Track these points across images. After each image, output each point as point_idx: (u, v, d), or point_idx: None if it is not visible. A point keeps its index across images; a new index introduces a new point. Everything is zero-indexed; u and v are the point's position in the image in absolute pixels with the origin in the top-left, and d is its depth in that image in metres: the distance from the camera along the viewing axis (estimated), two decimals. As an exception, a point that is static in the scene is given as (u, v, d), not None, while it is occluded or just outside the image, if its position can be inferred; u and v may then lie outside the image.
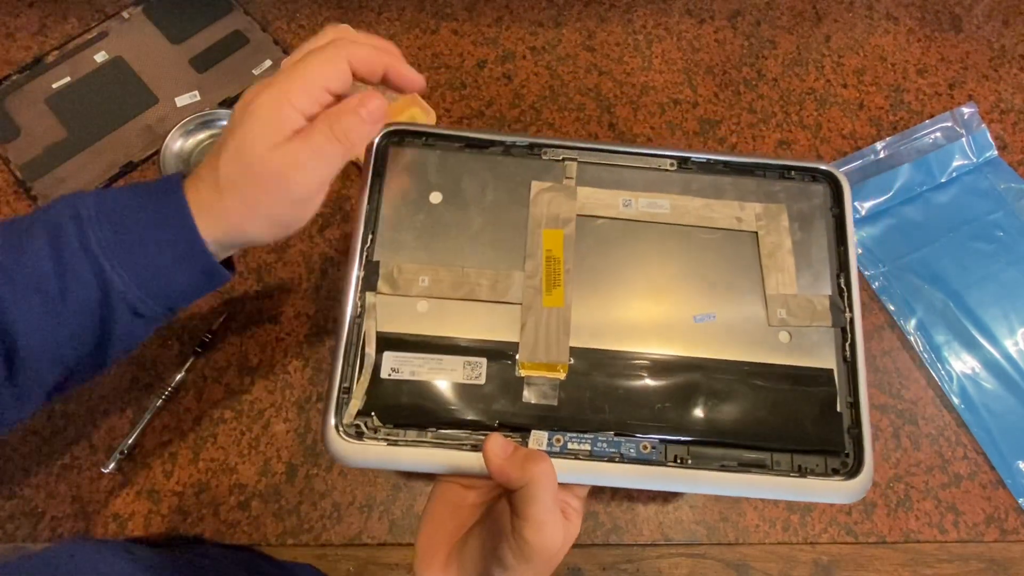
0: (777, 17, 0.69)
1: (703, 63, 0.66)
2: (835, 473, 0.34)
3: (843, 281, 0.37)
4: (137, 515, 0.47)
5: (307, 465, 0.49)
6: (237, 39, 0.64)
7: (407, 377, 0.34)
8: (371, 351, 0.35)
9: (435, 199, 0.38)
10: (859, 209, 0.59)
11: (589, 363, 0.35)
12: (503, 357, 0.35)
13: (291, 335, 0.52)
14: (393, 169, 0.38)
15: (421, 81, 0.35)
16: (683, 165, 0.40)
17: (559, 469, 0.30)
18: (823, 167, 0.40)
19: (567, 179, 0.39)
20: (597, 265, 0.37)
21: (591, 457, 0.33)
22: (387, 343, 0.35)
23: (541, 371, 0.35)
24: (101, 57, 0.63)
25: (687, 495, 0.50)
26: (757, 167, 0.40)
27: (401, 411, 0.34)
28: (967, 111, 0.61)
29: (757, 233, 0.38)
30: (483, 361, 0.35)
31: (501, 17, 0.67)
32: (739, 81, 0.65)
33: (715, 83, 0.65)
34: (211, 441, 0.49)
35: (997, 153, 0.61)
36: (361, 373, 0.34)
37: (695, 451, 0.34)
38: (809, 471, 0.34)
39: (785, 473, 0.34)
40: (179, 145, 0.58)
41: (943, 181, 0.60)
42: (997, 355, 0.54)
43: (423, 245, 0.37)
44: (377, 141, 0.39)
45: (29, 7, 0.65)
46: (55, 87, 0.61)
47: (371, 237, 0.37)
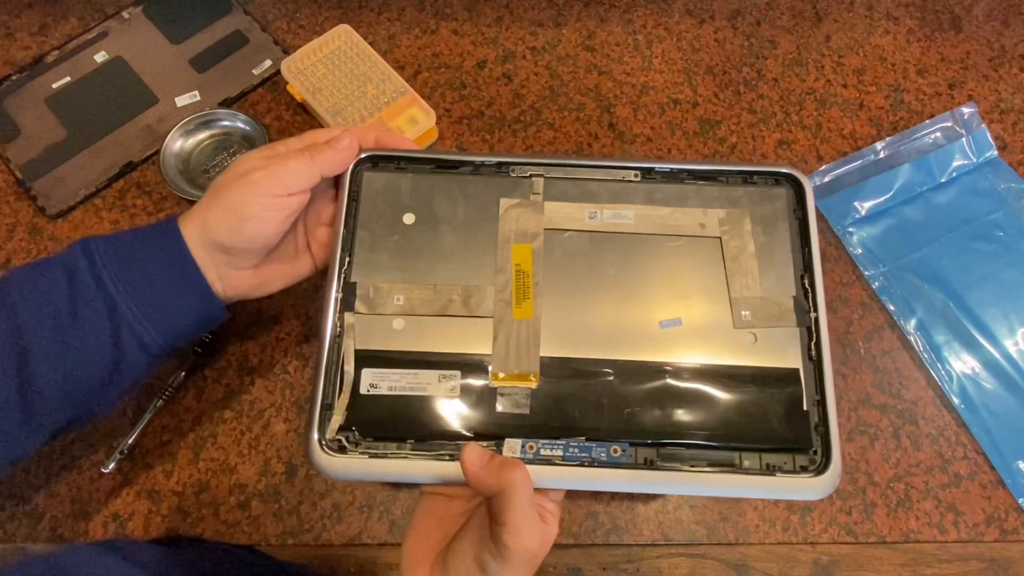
0: (777, 17, 0.69)
1: (703, 63, 0.66)
2: (803, 470, 0.34)
3: (807, 281, 0.38)
4: (137, 515, 0.47)
5: (307, 465, 0.49)
6: (237, 39, 0.64)
7: (385, 392, 0.36)
8: (350, 368, 0.36)
9: (408, 220, 0.39)
10: (859, 209, 0.59)
11: (559, 372, 0.36)
12: (476, 369, 0.36)
13: (291, 335, 0.52)
14: (368, 193, 0.40)
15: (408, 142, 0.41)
16: (647, 175, 0.41)
17: (533, 475, 0.32)
18: (785, 170, 0.40)
19: (534, 195, 0.40)
20: (565, 277, 0.38)
21: (563, 462, 0.34)
22: (365, 360, 0.36)
23: (513, 381, 0.36)
24: (101, 57, 0.63)
25: (687, 496, 0.50)
26: (720, 174, 0.41)
27: (380, 425, 0.35)
28: (967, 111, 0.61)
29: (721, 238, 0.39)
30: (457, 374, 0.36)
31: (501, 17, 0.67)
32: (739, 81, 0.65)
33: (715, 83, 0.65)
34: (211, 441, 0.49)
35: (997, 153, 0.61)
36: (341, 390, 0.36)
37: (664, 453, 0.35)
38: (778, 469, 0.34)
39: (754, 472, 0.34)
40: (179, 145, 0.58)
41: (943, 181, 0.60)
42: (997, 355, 0.54)
43: (397, 265, 0.38)
44: (352, 167, 0.40)
45: (29, 7, 0.65)
46: (55, 87, 0.61)
47: (348, 259, 0.38)
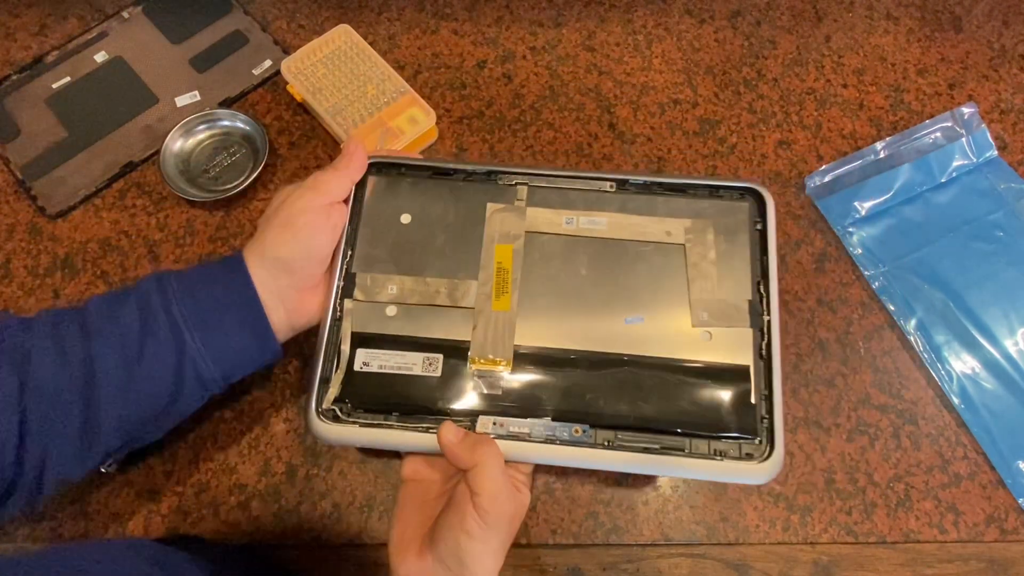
0: (777, 17, 0.69)
1: (703, 63, 0.66)
2: (749, 457, 0.38)
3: (763, 287, 0.42)
4: (137, 515, 0.47)
5: (307, 465, 0.49)
6: (237, 39, 0.64)
7: (376, 370, 0.40)
8: (346, 348, 0.41)
9: (405, 220, 0.44)
10: (859, 209, 0.59)
11: (531, 359, 0.40)
12: (457, 353, 0.40)
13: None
14: (371, 195, 0.44)
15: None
16: (621, 187, 0.45)
17: (503, 449, 0.37)
18: (748, 185, 0.44)
19: (518, 201, 0.44)
20: (541, 275, 0.42)
21: (530, 439, 0.38)
22: (360, 341, 0.41)
23: (489, 366, 0.40)
24: (101, 57, 0.63)
25: (686, 495, 0.50)
26: (688, 187, 0.45)
27: (370, 398, 0.40)
28: (967, 111, 0.61)
29: (685, 245, 0.43)
30: (440, 357, 0.40)
31: (501, 17, 0.67)
32: (739, 81, 0.65)
33: (715, 83, 0.65)
34: (211, 441, 0.49)
35: (997, 153, 0.61)
36: (338, 366, 0.40)
37: (622, 436, 0.39)
38: (724, 455, 0.38)
39: (702, 456, 0.38)
40: (179, 145, 0.58)
41: (943, 181, 0.60)
42: (997, 355, 0.54)
43: (393, 259, 0.43)
44: None
45: (29, 7, 0.65)
46: (55, 87, 0.61)
47: (350, 252, 0.43)
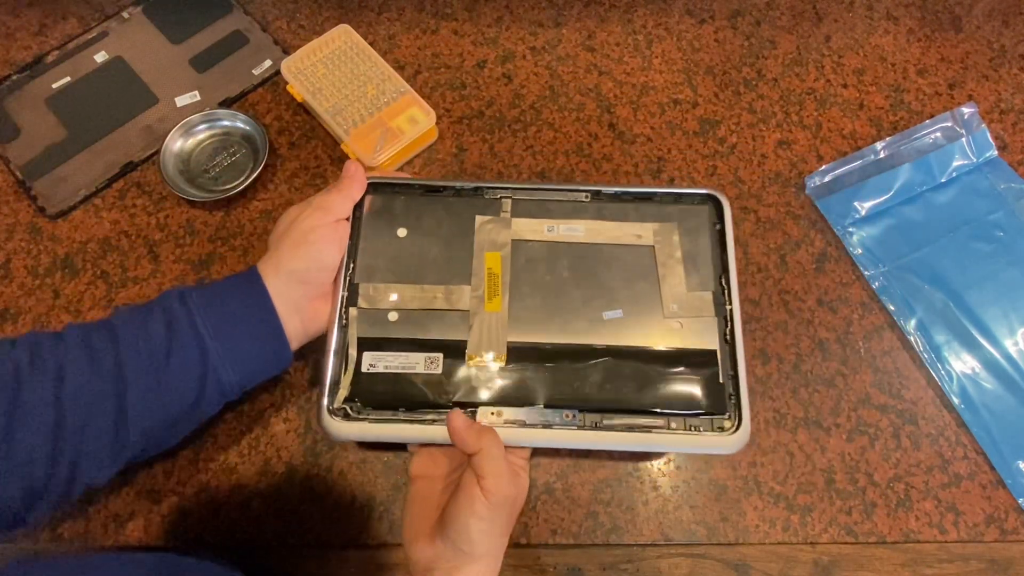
0: (777, 17, 0.69)
1: (703, 63, 0.66)
2: (721, 431, 0.42)
3: (724, 280, 0.46)
4: (137, 515, 0.47)
5: (307, 465, 0.49)
6: (237, 39, 0.64)
7: (381, 370, 0.43)
8: (353, 352, 0.44)
9: (401, 233, 0.47)
10: (859, 209, 0.59)
11: (522, 354, 0.44)
12: (456, 352, 0.44)
13: (291, 335, 0.52)
14: (369, 212, 0.48)
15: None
16: (596, 197, 0.49)
17: (502, 435, 0.40)
18: (706, 191, 0.49)
19: (503, 213, 0.48)
20: (528, 278, 0.46)
21: (525, 426, 0.42)
22: (366, 345, 0.44)
23: (485, 361, 0.44)
24: (101, 57, 0.63)
25: (686, 495, 0.50)
26: (654, 195, 0.49)
27: (377, 396, 0.43)
28: (967, 111, 0.61)
29: (654, 246, 0.47)
30: (440, 356, 0.44)
31: (501, 17, 0.67)
32: (739, 81, 0.65)
33: (715, 83, 0.65)
34: (211, 441, 0.49)
35: (997, 153, 0.61)
36: (346, 369, 0.43)
37: (607, 418, 0.42)
38: (699, 429, 0.42)
39: (680, 431, 0.42)
40: (179, 145, 0.58)
41: (943, 181, 0.60)
42: (997, 355, 0.54)
43: (392, 269, 0.46)
44: None
45: (29, 7, 0.65)
46: (55, 87, 0.61)
47: (352, 265, 0.46)
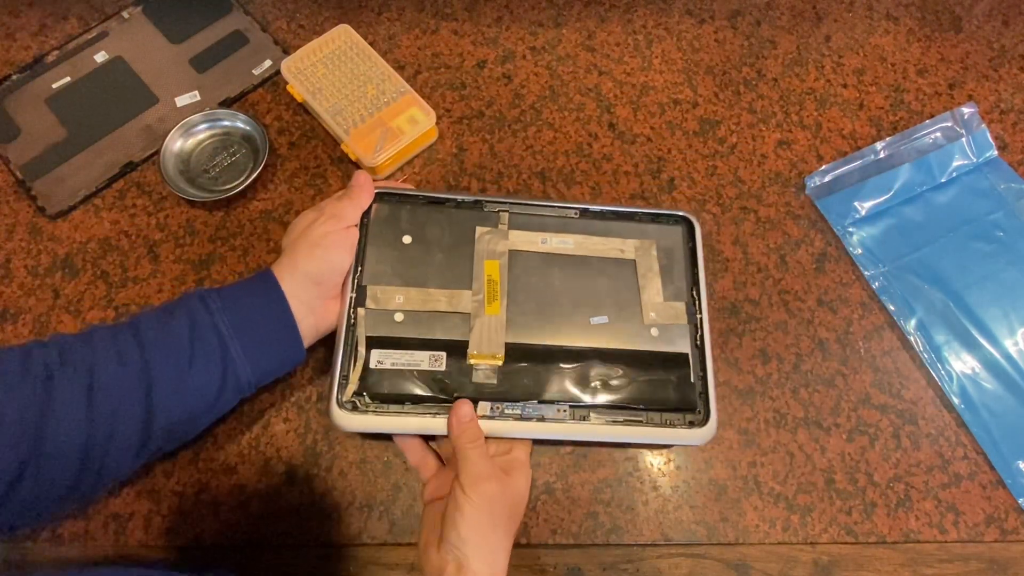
0: (777, 17, 0.69)
1: (703, 63, 0.66)
2: (691, 425, 0.47)
3: (695, 292, 0.51)
4: (137, 515, 0.47)
5: (307, 465, 0.49)
6: (237, 39, 0.64)
7: (388, 367, 0.46)
8: (362, 350, 0.46)
9: (407, 240, 0.50)
10: (859, 209, 0.59)
11: (519, 353, 0.47)
12: (457, 351, 0.47)
13: (291, 335, 0.52)
14: (376, 220, 0.50)
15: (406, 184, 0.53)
16: (584, 214, 0.53)
17: (500, 428, 0.45)
18: (680, 213, 0.54)
19: (501, 225, 0.52)
20: (524, 285, 0.50)
21: (521, 419, 0.46)
22: (374, 343, 0.46)
23: (485, 360, 0.47)
24: (101, 57, 0.63)
25: (686, 495, 0.50)
26: (635, 215, 0.53)
27: (384, 391, 0.45)
28: (967, 111, 0.61)
29: (635, 260, 0.51)
30: (443, 354, 0.47)
31: (501, 17, 0.67)
32: (739, 81, 0.65)
33: (715, 83, 0.65)
34: (211, 441, 0.49)
35: (997, 153, 0.61)
36: (355, 365, 0.46)
37: (594, 413, 0.46)
38: (673, 423, 0.47)
39: (656, 425, 0.46)
40: (179, 145, 0.58)
41: (943, 181, 0.60)
42: (997, 355, 0.54)
43: (398, 273, 0.49)
44: None
45: (29, 7, 0.65)
46: (55, 87, 0.61)
47: (360, 268, 0.48)
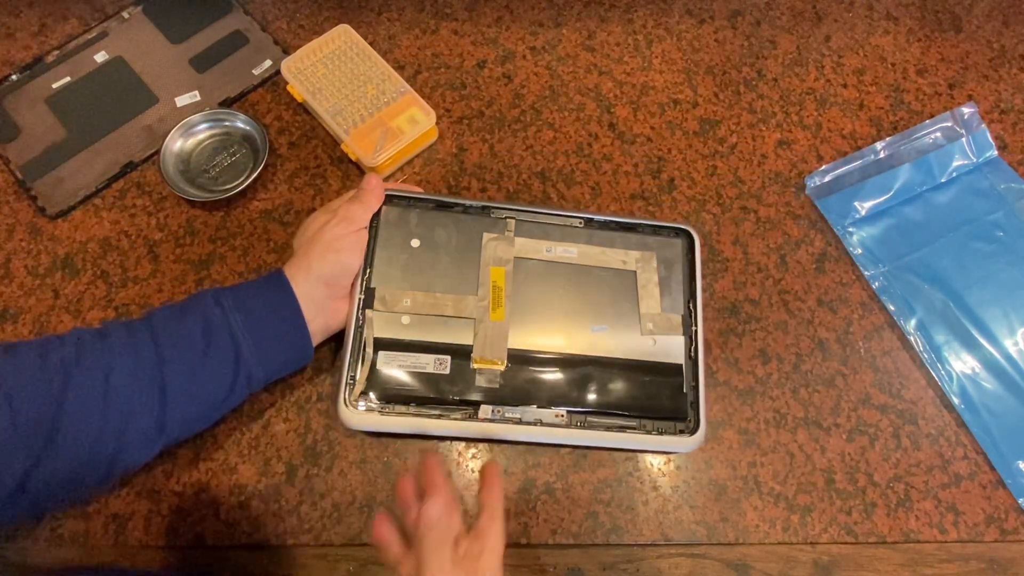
0: (777, 17, 0.69)
1: (703, 63, 0.66)
2: (682, 433, 0.48)
3: (692, 305, 0.52)
4: (137, 515, 0.47)
5: (307, 465, 0.49)
6: (237, 39, 0.64)
7: (395, 368, 0.47)
8: (370, 351, 0.47)
9: (415, 244, 0.51)
10: (859, 209, 0.59)
11: (521, 359, 0.49)
12: (462, 355, 0.48)
13: (291, 335, 0.52)
14: (385, 223, 0.51)
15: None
16: (588, 224, 0.54)
17: (499, 432, 0.47)
18: (681, 226, 0.54)
19: (508, 232, 0.52)
20: (528, 292, 0.51)
21: (521, 423, 0.47)
22: (381, 345, 0.48)
23: (488, 364, 0.48)
24: (101, 57, 0.63)
25: (686, 495, 0.50)
26: (637, 226, 0.54)
27: (390, 391, 0.47)
28: (967, 111, 0.61)
29: (635, 271, 0.52)
30: (448, 358, 0.48)
31: (501, 17, 0.67)
32: (739, 81, 0.65)
33: (715, 83, 0.65)
34: (211, 441, 0.49)
35: (997, 153, 0.61)
36: (362, 366, 0.47)
37: (591, 418, 0.48)
38: (664, 431, 0.48)
39: (649, 432, 0.48)
40: (179, 145, 0.58)
41: (943, 181, 0.60)
42: (997, 355, 0.54)
43: (406, 277, 0.50)
44: None
45: (29, 7, 0.65)
46: (55, 87, 0.61)
47: (369, 271, 0.49)
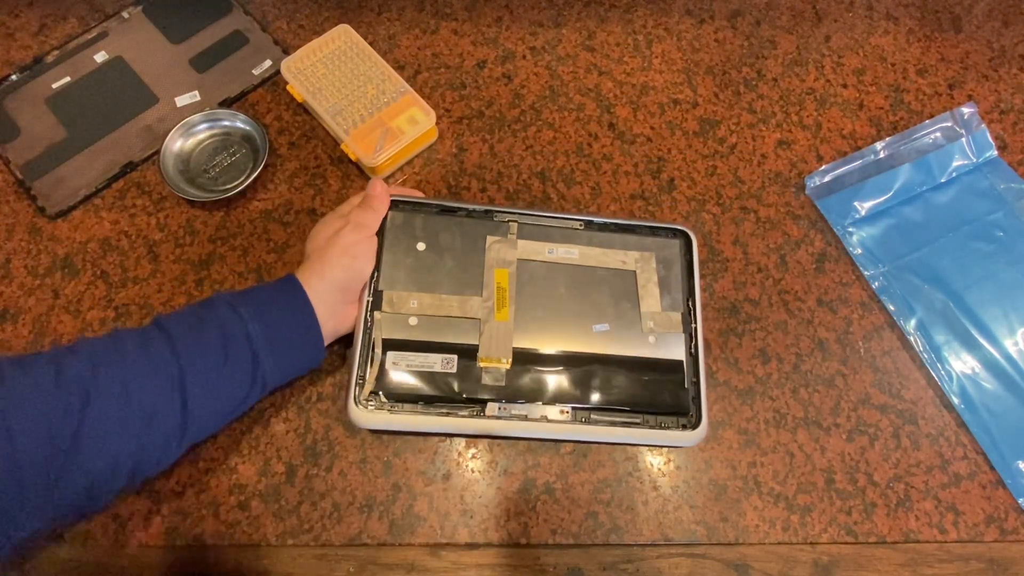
0: (777, 17, 0.69)
1: (703, 63, 0.66)
2: (684, 428, 0.49)
3: (691, 303, 0.53)
4: (137, 515, 0.47)
5: (307, 465, 0.49)
6: (237, 39, 0.64)
7: (403, 368, 0.48)
8: (378, 351, 0.48)
9: (420, 247, 0.52)
10: (859, 209, 0.59)
11: (525, 358, 0.50)
12: (468, 354, 0.49)
13: (291, 335, 0.52)
14: (391, 227, 0.52)
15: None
16: (588, 226, 0.55)
17: (505, 428, 0.48)
18: (679, 227, 0.55)
19: (511, 235, 0.54)
20: (531, 293, 0.52)
21: (527, 419, 0.48)
22: (389, 345, 0.48)
23: (493, 363, 0.49)
24: (101, 57, 0.63)
25: (686, 495, 0.50)
26: (636, 228, 0.55)
27: (399, 391, 0.47)
28: (967, 111, 0.61)
29: (635, 271, 0.53)
30: (454, 357, 0.49)
31: (501, 17, 0.67)
32: (739, 81, 0.65)
33: (715, 83, 0.65)
34: (211, 441, 0.49)
35: (997, 153, 0.61)
36: (371, 366, 0.48)
37: (595, 414, 0.49)
38: (667, 426, 0.49)
39: (651, 427, 0.49)
40: (179, 145, 0.58)
41: (943, 181, 0.60)
42: (997, 355, 0.54)
43: (413, 279, 0.51)
44: None
45: (29, 7, 0.65)
46: (55, 87, 0.61)
47: (376, 274, 0.50)
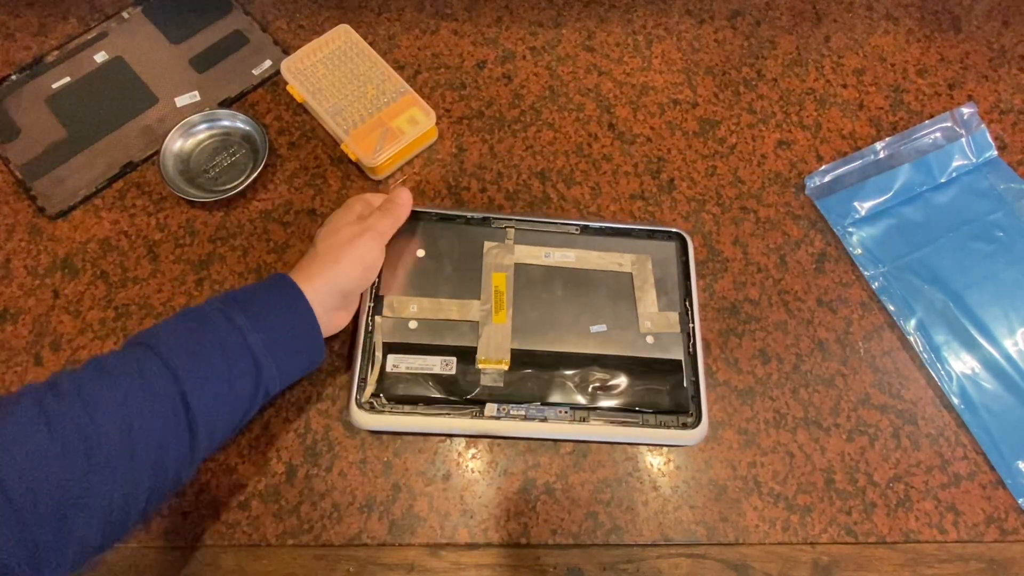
0: (777, 17, 0.69)
1: (703, 63, 0.66)
2: (684, 427, 0.50)
3: (688, 303, 0.54)
4: (137, 515, 0.47)
5: (307, 465, 0.49)
6: (237, 39, 0.64)
7: (403, 370, 0.49)
8: (379, 354, 0.49)
9: (420, 254, 0.54)
10: (859, 209, 0.59)
11: (524, 359, 0.50)
12: (467, 356, 0.50)
13: (291, 335, 0.52)
14: (393, 235, 0.52)
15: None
16: (584, 230, 0.56)
17: (505, 429, 0.49)
18: (675, 230, 0.57)
19: (508, 240, 0.55)
20: (528, 296, 0.53)
21: (525, 419, 0.49)
22: (390, 348, 0.50)
23: (492, 364, 0.50)
24: (101, 57, 0.63)
25: (686, 495, 0.50)
26: (632, 231, 0.56)
27: (399, 393, 0.48)
28: (967, 111, 0.61)
29: (632, 273, 0.55)
30: (454, 359, 0.50)
31: (501, 17, 0.67)
32: (739, 81, 0.65)
33: (715, 83, 0.65)
34: (211, 441, 0.49)
35: (997, 153, 0.61)
36: (372, 368, 0.49)
37: (593, 414, 0.49)
38: (666, 425, 0.49)
39: (651, 426, 0.49)
40: (179, 145, 0.58)
41: (943, 181, 0.60)
42: (997, 355, 0.54)
43: (413, 284, 0.52)
44: None
45: (29, 7, 0.65)
46: (55, 87, 0.61)
47: (377, 280, 0.51)
